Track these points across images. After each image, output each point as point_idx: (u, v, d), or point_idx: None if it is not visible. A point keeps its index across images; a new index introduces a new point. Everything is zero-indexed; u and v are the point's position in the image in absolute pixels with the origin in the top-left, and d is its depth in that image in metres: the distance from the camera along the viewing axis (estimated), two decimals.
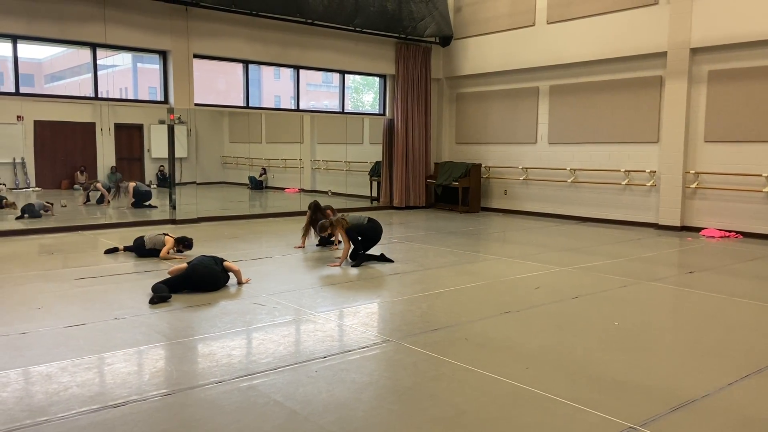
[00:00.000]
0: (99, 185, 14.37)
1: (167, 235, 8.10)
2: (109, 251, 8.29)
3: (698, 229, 10.83)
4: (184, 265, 6.32)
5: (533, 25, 13.07)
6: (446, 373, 4.06)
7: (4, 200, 12.91)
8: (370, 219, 7.94)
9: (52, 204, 12.30)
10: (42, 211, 11.81)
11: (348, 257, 7.76)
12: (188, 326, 5.11)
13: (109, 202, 14.15)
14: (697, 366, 4.31)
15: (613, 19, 11.69)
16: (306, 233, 8.86)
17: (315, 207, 8.99)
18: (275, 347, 4.56)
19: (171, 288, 5.98)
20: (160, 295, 5.76)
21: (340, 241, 8.29)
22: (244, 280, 6.61)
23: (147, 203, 13.95)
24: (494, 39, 13.83)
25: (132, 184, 14.07)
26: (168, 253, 7.92)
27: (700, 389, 3.83)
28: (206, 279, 6.19)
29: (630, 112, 11.75)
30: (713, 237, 10.37)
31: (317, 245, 9.04)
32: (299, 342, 4.79)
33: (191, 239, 8.13)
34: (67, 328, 4.94)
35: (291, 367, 4.14)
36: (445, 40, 14.58)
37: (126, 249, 8.26)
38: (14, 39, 9.84)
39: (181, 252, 8.04)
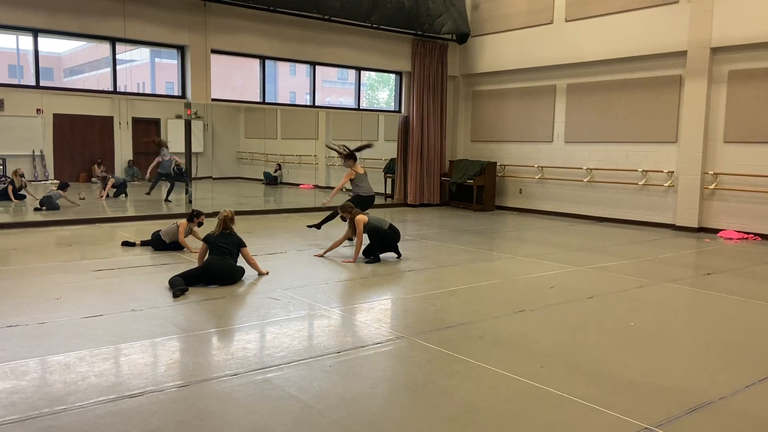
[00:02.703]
0: (111, 181, 14.51)
1: (178, 222, 8.18)
2: (126, 244, 8.37)
3: (716, 231, 10.71)
4: (204, 245, 6.52)
5: (551, 23, 12.98)
6: (460, 370, 4.06)
7: (25, 188, 13.06)
8: (391, 226, 7.91)
9: (66, 183, 12.42)
10: (59, 198, 11.90)
11: (361, 253, 7.77)
12: (204, 319, 5.16)
13: (102, 197, 14.24)
14: (713, 368, 4.27)
15: (633, 17, 11.57)
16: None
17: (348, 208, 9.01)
18: (290, 341, 4.58)
19: (187, 281, 6.03)
20: (180, 288, 5.82)
21: (350, 239, 8.31)
22: (263, 271, 6.70)
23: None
24: (511, 36, 13.75)
25: (112, 180, 14.45)
26: (185, 237, 8.04)
27: (716, 391, 3.79)
28: (221, 273, 6.24)
29: (648, 112, 11.63)
30: (731, 239, 10.24)
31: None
32: (313, 337, 4.81)
33: (199, 210, 8.34)
34: (85, 319, 5.00)
35: (305, 361, 4.16)
36: (462, 38, 14.53)
37: (143, 243, 8.34)
38: (35, 33, 9.96)
39: (201, 225, 8.22)
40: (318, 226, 9.82)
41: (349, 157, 9.20)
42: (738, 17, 10.20)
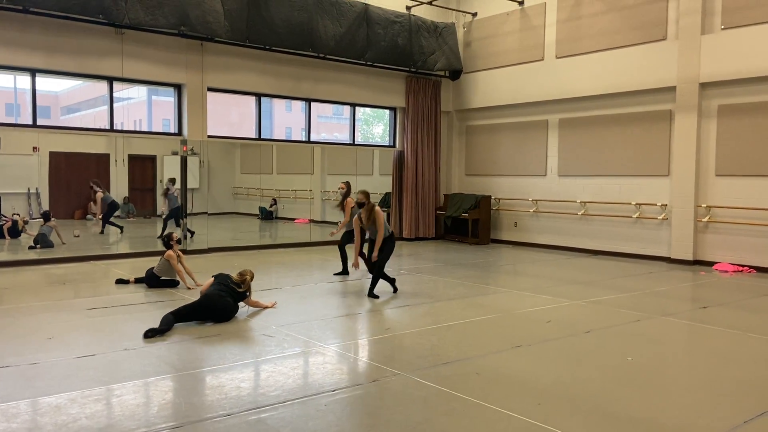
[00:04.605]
0: (99, 195, 14.34)
1: (164, 256, 8.09)
2: (120, 281, 8.33)
3: (711, 264, 10.72)
4: (211, 279, 6.49)
5: (542, 60, 13.22)
6: (457, 408, 4.01)
7: (21, 225, 13.02)
8: (392, 233, 7.96)
9: (47, 212, 12.39)
10: (51, 232, 11.82)
11: (369, 268, 7.75)
12: (197, 358, 5.10)
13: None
14: (712, 403, 4.23)
15: (622, 54, 11.81)
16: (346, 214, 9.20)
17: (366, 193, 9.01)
18: (284, 380, 4.53)
19: (180, 318, 5.98)
20: (157, 329, 5.66)
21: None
22: (270, 305, 6.84)
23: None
24: (503, 73, 13.98)
25: (100, 194, 14.17)
26: (178, 262, 8.00)
27: (715, 427, 3.75)
28: (218, 308, 6.17)
29: (640, 146, 11.77)
30: (726, 271, 10.25)
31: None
32: (308, 374, 4.76)
33: (168, 233, 8.37)
34: (78, 359, 4.94)
35: (300, 400, 4.10)
36: (455, 74, 14.76)
37: (137, 281, 8.29)
38: (33, 73, 10.07)
39: (180, 242, 8.31)
40: (345, 272, 9.40)
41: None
42: (725, 53, 10.42)
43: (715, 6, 10.60)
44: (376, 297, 7.62)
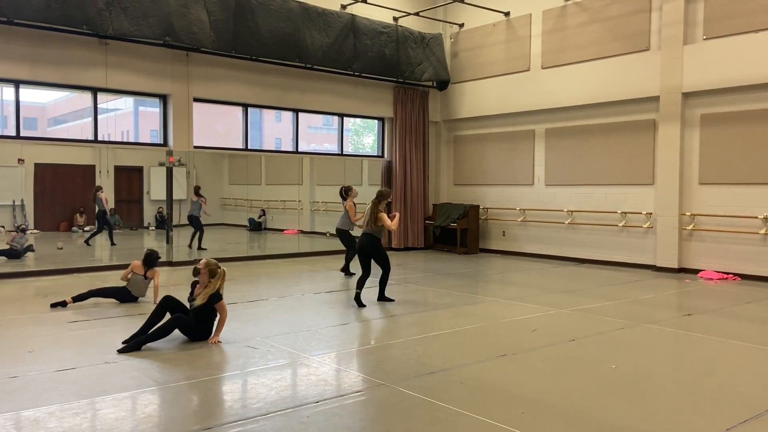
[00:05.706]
0: (102, 195, 14.04)
1: (145, 275, 7.74)
2: (55, 305, 7.38)
3: (696, 271, 10.79)
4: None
5: (528, 70, 13.31)
6: (441, 418, 3.99)
7: None
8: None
9: (23, 229, 12.28)
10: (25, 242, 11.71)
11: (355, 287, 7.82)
12: (179, 370, 5.04)
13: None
14: (696, 411, 4.24)
15: (606, 64, 11.92)
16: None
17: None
18: (267, 392, 4.49)
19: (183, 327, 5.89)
20: (129, 344, 5.54)
21: None
22: (214, 340, 5.95)
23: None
24: (490, 83, 14.06)
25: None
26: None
27: None
28: (201, 338, 5.98)
29: (625, 155, 11.86)
30: (711, 279, 10.32)
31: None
32: (292, 386, 4.72)
33: (154, 252, 7.82)
34: (57, 372, 4.88)
35: (282, 412, 4.07)
36: (442, 85, 14.83)
37: (75, 300, 7.48)
38: (17, 84, 10.01)
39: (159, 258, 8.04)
40: (346, 271, 10.50)
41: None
42: (707, 63, 10.54)
43: (697, 16, 10.74)
44: (391, 300, 7.96)
